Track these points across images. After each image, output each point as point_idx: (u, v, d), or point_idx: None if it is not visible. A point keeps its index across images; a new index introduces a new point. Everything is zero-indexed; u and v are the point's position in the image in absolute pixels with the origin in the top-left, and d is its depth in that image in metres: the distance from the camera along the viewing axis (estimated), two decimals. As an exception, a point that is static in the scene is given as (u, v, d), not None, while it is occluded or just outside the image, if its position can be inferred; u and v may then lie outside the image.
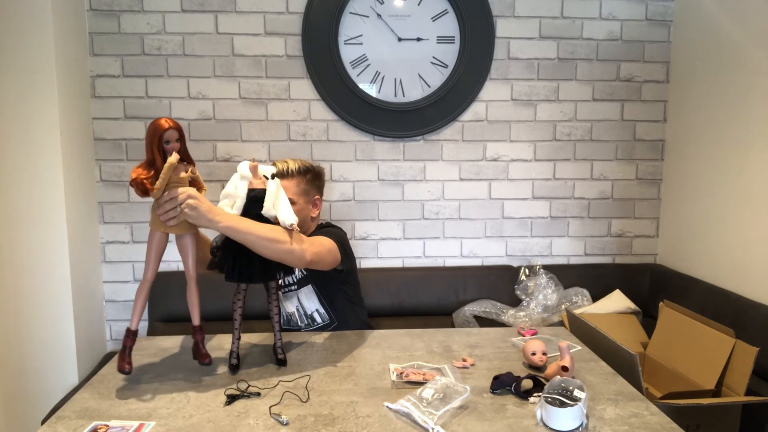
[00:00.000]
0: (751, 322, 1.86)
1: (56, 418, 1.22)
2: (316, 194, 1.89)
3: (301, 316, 1.85)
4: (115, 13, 2.28)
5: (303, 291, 1.84)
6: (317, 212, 1.91)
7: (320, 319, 1.85)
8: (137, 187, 1.29)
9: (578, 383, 1.21)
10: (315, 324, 1.86)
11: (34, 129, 1.98)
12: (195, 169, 1.38)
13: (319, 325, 1.86)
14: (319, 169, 1.92)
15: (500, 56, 2.42)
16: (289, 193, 1.82)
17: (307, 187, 1.86)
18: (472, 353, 1.58)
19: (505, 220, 2.52)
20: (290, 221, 1.43)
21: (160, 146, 1.30)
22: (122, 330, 2.42)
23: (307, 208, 1.86)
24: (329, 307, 1.85)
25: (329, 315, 1.85)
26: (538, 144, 2.49)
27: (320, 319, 1.85)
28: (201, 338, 1.43)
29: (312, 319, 1.85)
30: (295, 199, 1.83)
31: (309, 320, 1.86)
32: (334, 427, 1.18)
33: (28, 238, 2.01)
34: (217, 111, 2.36)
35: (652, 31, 2.46)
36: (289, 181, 1.83)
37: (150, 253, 1.34)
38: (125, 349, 1.34)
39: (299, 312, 1.86)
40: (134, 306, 1.35)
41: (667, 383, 1.87)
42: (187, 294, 1.41)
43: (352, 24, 2.34)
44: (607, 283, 2.42)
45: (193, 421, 1.20)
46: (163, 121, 1.30)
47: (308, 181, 1.86)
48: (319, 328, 1.85)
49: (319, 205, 1.91)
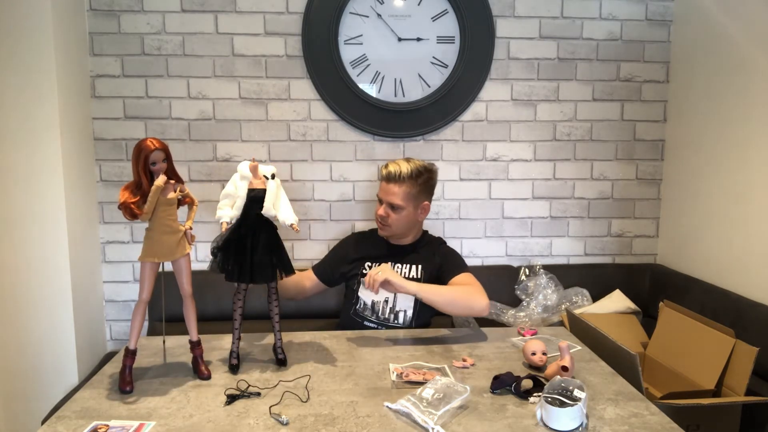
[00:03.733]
0: (751, 322, 1.86)
1: (56, 418, 1.22)
2: (425, 200, 1.89)
3: (388, 308, 1.86)
4: (115, 13, 2.28)
5: None
6: (424, 216, 1.92)
7: (401, 320, 1.86)
8: (125, 211, 1.29)
9: (578, 383, 1.21)
10: (394, 322, 1.86)
11: (34, 129, 1.98)
12: (184, 187, 1.39)
13: (396, 325, 1.86)
14: (433, 169, 1.91)
15: (500, 56, 2.42)
16: (398, 200, 1.83)
17: (418, 191, 1.85)
18: (472, 353, 1.58)
19: (505, 220, 2.52)
20: (290, 221, 1.43)
21: (147, 168, 1.30)
22: (122, 330, 2.42)
23: (415, 213, 1.87)
24: (417, 315, 1.86)
25: (411, 321, 1.86)
26: (538, 144, 2.49)
27: (401, 320, 1.86)
28: (200, 353, 1.44)
29: (395, 315, 1.86)
30: (404, 206, 1.84)
31: (392, 315, 1.86)
32: (334, 427, 1.18)
33: (28, 238, 2.01)
34: (217, 111, 2.36)
35: (652, 31, 2.46)
36: (398, 186, 1.83)
37: (144, 277, 1.35)
38: (125, 369, 1.35)
39: (388, 303, 1.86)
40: (132, 325, 1.36)
41: (667, 383, 1.87)
42: (184, 310, 1.43)
43: (352, 24, 2.34)
44: (607, 283, 2.42)
45: (193, 421, 1.20)
46: (148, 143, 1.30)
47: (421, 185, 1.86)
48: (393, 327, 1.86)
49: (427, 210, 1.91)
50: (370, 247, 1.98)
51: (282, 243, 1.46)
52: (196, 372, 1.43)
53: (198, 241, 2.33)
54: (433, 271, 1.88)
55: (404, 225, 1.89)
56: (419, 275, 1.89)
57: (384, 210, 1.87)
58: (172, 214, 1.35)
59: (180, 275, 1.40)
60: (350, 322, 1.90)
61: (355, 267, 1.94)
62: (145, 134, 2.33)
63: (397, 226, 1.88)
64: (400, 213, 1.85)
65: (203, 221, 2.35)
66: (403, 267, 1.91)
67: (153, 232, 1.34)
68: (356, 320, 1.90)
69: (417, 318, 1.87)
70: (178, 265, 1.39)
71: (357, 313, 1.90)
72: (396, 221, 1.87)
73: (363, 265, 1.93)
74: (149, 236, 1.34)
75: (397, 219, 1.86)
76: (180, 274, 1.40)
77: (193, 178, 2.38)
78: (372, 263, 1.92)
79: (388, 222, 1.87)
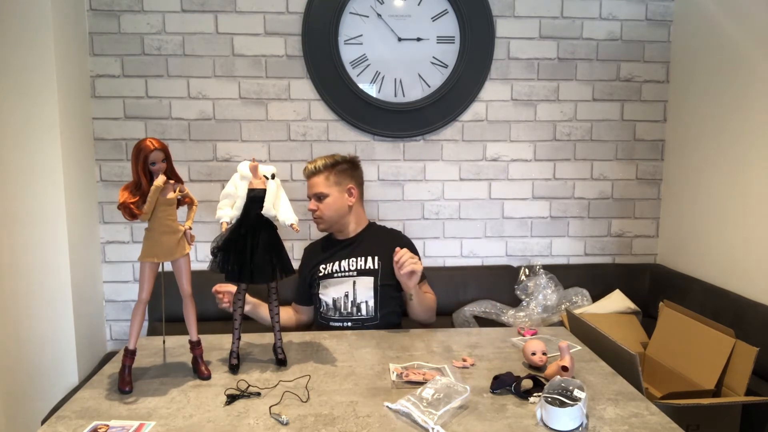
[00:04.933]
0: (751, 322, 1.86)
1: (56, 418, 1.22)
2: (350, 183, 1.96)
3: (349, 302, 1.88)
4: (115, 13, 2.28)
5: (362, 280, 1.89)
6: (353, 200, 1.97)
7: (364, 311, 1.88)
8: (125, 211, 1.29)
9: (578, 383, 1.21)
10: (357, 314, 1.88)
11: (34, 129, 1.98)
12: (183, 187, 1.39)
13: (360, 318, 1.88)
14: (352, 159, 2.01)
15: (500, 56, 2.42)
16: (321, 188, 1.92)
17: (339, 177, 1.94)
18: (472, 353, 1.58)
19: (505, 220, 2.52)
20: (290, 221, 1.43)
21: (146, 168, 1.30)
22: (122, 330, 2.42)
23: (342, 198, 1.94)
24: (379, 304, 1.89)
25: (375, 312, 1.88)
26: (538, 144, 2.49)
27: (364, 311, 1.88)
28: (200, 353, 1.44)
29: (357, 307, 1.88)
30: (328, 193, 1.92)
31: (354, 308, 1.88)
32: (334, 427, 1.18)
33: (28, 238, 2.01)
34: (217, 111, 2.36)
35: (652, 31, 2.46)
36: (317, 177, 1.93)
37: (144, 277, 1.35)
38: (125, 368, 1.35)
39: (348, 297, 1.88)
40: (131, 326, 1.36)
41: (667, 383, 1.87)
42: (184, 311, 1.43)
43: (352, 24, 2.34)
44: (607, 283, 2.42)
45: (193, 421, 1.20)
46: (148, 143, 1.30)
47: (340, 171, 1.94)
48: (357, 319, 1.87)
49: (354, 194, 1.98)
50: (320, 251, 2.01)
51: (282, 243, 1.46)
52: (196, 372, 1.43)
53: (198, 241, 2.33)
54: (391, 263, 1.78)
55: (335, 213, 1.94)
56: (376, 266, 1.91)
57: (313, 204, 1.94)
58: (171, 214, 1.35)
59: (180, 275, 1.40)
60: (319, 327, 1.92)
61: (313, 273, 1.96)
62: (145, 134, 2.34)
63: (328, 216, 1.93)
64: (327, 201, 1.92)
65: (203, 221, 2.35)
66: (358, 260, 1.92)
67: (152, 232, 1.34)
68: (323, 323, 1.91)
69: (380, 308, 1.88)
70: (177, 265, 1.39)
71: (322, 317, 1.91)
72: (325, 210, 1.92)
73: (318, 268, 1.95)
74: (149, 236, 1.34)
75: (325, 208, 1.92)
76: (180, 274, 1.40)
77: (193, 178, 2.38)
78: (325, 263, 1.95)
79: (318, 214, 1.94)
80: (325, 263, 1.95)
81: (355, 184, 1.98)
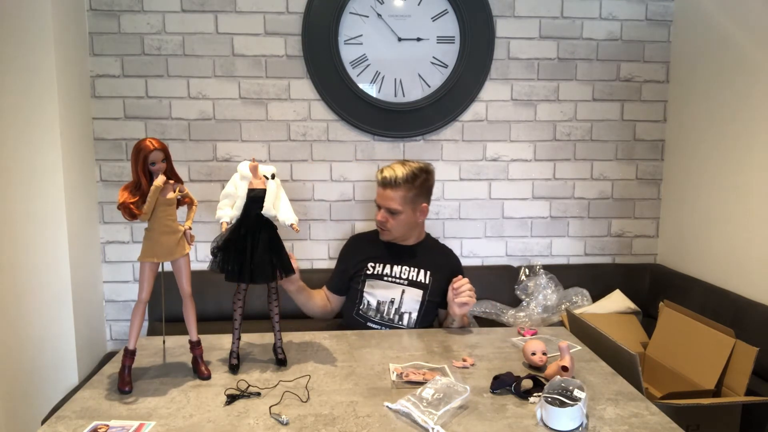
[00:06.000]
0: (751, 322, 1.86)
1: (56, 418, 1.22)
2: (423, 202, 1.90)
3: (393, 309, 1.87)
4: (115, 13, 2.28)
5: (411, 291, 1.88)
6: (423, 218, 1.93)
7: (405, 322, 1.87)
8: (125, 211, 1.29)
9: (578, 383, 1.21)
10: (398, 323, 1.88)
11: (34, 129, 1.98)
12: (183, 187, 1.39)
13: (400, 326, 1.87)
14: (427, 167, 1.90)
15: (500, 56, 2.42)
16: (396, 204, 1.83)
17: (416, 194, 1.86)
18: (472, 353, 1.58)
19: (505, 220, 2.52)
20: (290, 221, 1.43)
21: (146, 168, 1.30)
22: (122, 330, 2.42)
23: (413, 216, 1.88)
24: (421, 318, 1.88)
25: (416, 324, 1.88)
26: (538, 144, 2.49)
27: (406, 321, 1.88)
28: (200, 353, 1.44)
29: (400, 316, 1.87)
30: (402, 210, 1.84)
31: (397, 316, 1.87)
32: (334, 427, 1.18)
33: (28, 238, 2.01)
34: (217, 111, 2.36)
35: (652, 31, 2.46)
36: (394, 191, 1.83)
37: (143, 277, 1.35)
38: (124, 368, 1.36)
39: (393, 304, 1.87)
40: (131, 326, 1.36)
41: (667, 383, 1.87)
42: (184, 311, 1.43)
43: (352, 24, 2.34)
44: (607, 283, 2.42)
45: (193, 421, 1.20)
46: (147, 143, 1.30)
47: (418, 187, 1.86)
48: (397, 328, 1.87)
49: (426, 212, 1.92)
50: (371, 248, 1.98)
51: (282, 243, 1.46)
52: (196, 372, 1.43)
53: (198, 241, 2.33)
54: (442, 282, 1.87)
55: (404, 228, 1.90)
56: (427, 281, 1.90)
57: (383, 215, 1.88)
58: (171, 214, 1.35)
59: (179, 275, 1.40)
60: (353, 323, 1.90)
61: (359, 267, 1.95)
62: (145, 134, 2.34)
63: (396, 230, 1.89)
64: (399, 217, 1.86)
65: (203, 221, 2.35)
66: (411, 270, 1.91)
67: (152, 232, 1.34)
68: (359, 321, 1.90)
69: (421, 322, 1.88)
70: (177, 265, 1.39)
71: (360, 314, 1.90)
72: (395, 225, 1.88)
73: (366, 265, 1.94)
74: (148, 236, 1.34)
75: (396, 223, 1.87)
76: (179, 274, 1.40)
77: (193, 178, 2.38)
78: (375, 263, 1.93)
79: (388, 227, 1.89)
80: (375, 263, 1.93)
81: (427, 201, 1.92)
